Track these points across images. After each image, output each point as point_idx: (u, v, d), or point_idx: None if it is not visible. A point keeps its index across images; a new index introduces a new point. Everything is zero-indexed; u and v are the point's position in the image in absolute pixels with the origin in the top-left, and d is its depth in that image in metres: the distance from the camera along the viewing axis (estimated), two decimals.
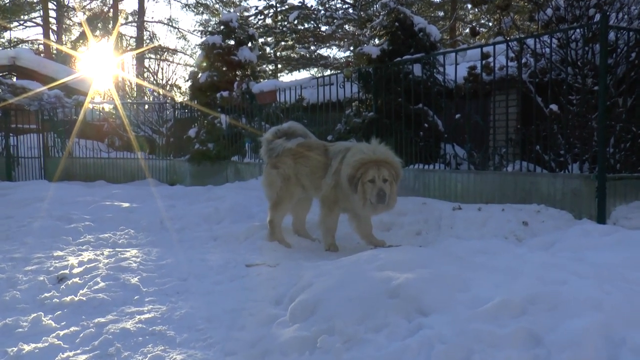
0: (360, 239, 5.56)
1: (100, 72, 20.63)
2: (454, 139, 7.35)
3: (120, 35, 30.12)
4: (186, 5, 31.03)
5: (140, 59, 27.33)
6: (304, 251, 5.39)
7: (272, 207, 5.67)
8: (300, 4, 23.10)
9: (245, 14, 23.64)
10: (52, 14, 30.31)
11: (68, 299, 3.73)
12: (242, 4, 27.98)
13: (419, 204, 6.28)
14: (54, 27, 30.33)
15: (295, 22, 22.83)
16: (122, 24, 30.01)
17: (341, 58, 24.04)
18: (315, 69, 25.32)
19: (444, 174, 6.99)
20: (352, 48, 20.75)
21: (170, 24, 33.63)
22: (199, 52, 14.89)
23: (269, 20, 24.46)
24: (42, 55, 24.73)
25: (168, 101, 15.64)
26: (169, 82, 21.87)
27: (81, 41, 30.13)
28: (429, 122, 7.71)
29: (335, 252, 5.30)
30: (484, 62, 6.86)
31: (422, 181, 7.24)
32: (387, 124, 7.79)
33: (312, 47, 24.05)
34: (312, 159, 5.52)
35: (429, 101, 7.64)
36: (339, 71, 10.27)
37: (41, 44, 29.46)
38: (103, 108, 15.78)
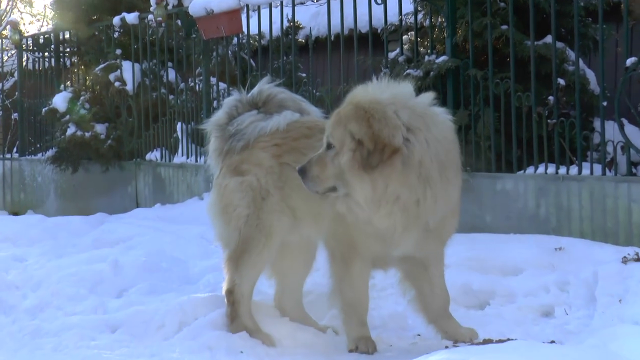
0: (426, 323, 5.59)
1: None
2: (623, 110, 7.37)
3: None
4: None
5: None
6: (302, 354, 5.38)
7: (232, 259, 5.69)
8: None
9: None
10: None
11: None
12: None
13: (547, 250, 6.37)
14: None
15: None
16: None
17: None
18: None
19: (602, 184, 7.01)
20: None
21: None
22: None
23: None
24: None
25: (7, 35, 15.73)
26: None
27: None
28: (567, 73, 7.75)
29: (369, 356, 5.30)
30: None
31: (554, 201, 7.28)
32: (479, 78, 7.85)
33: None
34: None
35: (568, 31, 7.70)
36: None
37: None
38: None
